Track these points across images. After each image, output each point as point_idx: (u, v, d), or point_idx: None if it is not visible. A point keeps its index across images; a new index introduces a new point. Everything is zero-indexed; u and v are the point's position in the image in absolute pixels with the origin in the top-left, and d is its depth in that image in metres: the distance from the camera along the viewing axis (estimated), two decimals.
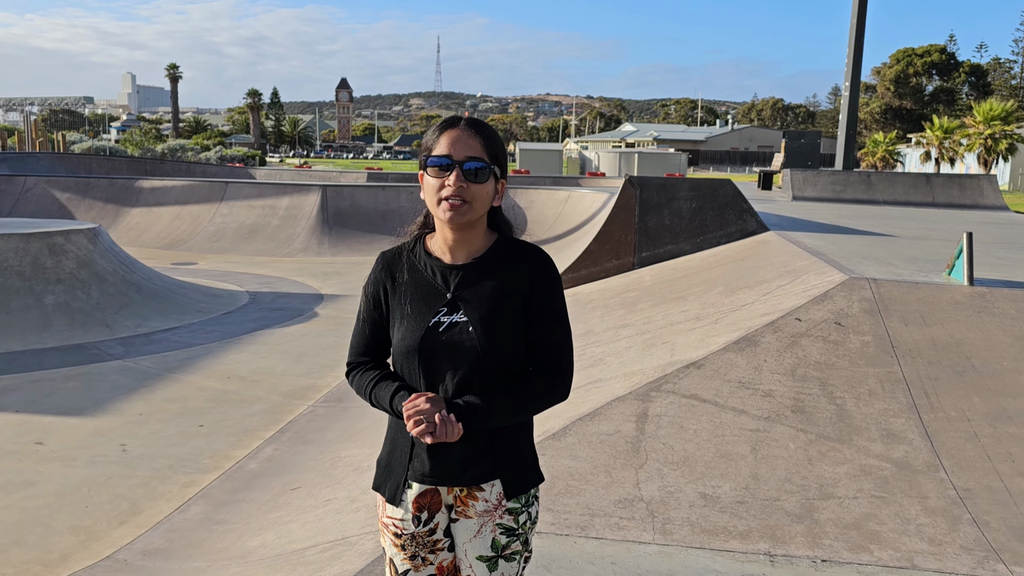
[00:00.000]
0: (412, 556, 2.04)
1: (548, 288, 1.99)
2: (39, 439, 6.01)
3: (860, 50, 26.18)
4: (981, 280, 6.08)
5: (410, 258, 2.04)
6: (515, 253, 2.00)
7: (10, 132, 50.57)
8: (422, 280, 2.00)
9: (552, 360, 1.99)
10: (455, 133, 1.92)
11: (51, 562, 4.27)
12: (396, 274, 2.03)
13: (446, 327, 1.93)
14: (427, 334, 1.93)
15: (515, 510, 1.99)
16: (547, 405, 2.00)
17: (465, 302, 1.95)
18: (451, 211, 1.90)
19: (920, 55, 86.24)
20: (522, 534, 2.01)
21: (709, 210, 10.17)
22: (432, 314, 1.95)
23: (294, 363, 8.33)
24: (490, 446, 1.95)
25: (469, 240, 1.98)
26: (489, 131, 1.96)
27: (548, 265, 2.01)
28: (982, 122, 40.86)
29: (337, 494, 4.70)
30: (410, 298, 1.99)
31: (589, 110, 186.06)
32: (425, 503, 2.00)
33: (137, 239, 18.33)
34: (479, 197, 1.92)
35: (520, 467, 2.00)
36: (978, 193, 19.35)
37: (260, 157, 63.04)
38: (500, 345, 1.92)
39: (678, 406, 4.65)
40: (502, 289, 1.95)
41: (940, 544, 3.63)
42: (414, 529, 2.01)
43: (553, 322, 1.99)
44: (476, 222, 1.96)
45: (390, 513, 2.04)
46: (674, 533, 3.67)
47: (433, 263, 2.01)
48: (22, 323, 8.95)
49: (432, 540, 2.03)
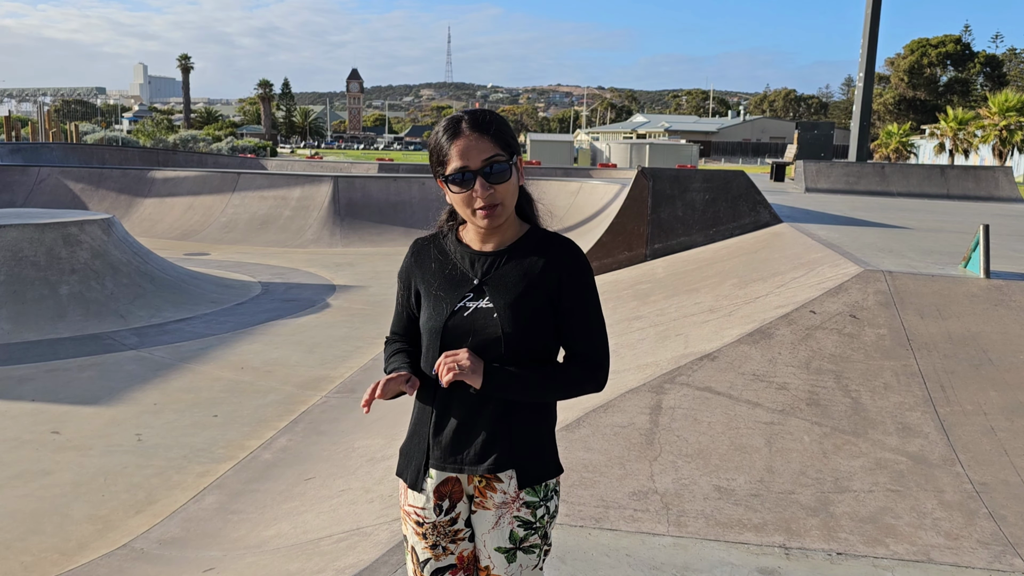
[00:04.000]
0: (433, 545, 2.04)
1: (581, 279, 1.98)
2: (55, 428, 6.05)
3: (874, 40, 25.97)
4: (998, 273, 6.03)
5: (441, 245, 2.07)
6: (546, 243, 2.01)
7: (23, 123, 50.82)
8: (451, 266, 2.02)
9: (589, 350, 1.99)
10: (463, 141, 1.91)
11: (68, 550, 4.31)
12: (424, 260, 2.07)
13: (471, 312, 1.95)
14: (451, 318, 1.95)
15: (532, 503, 1.99)
16: (580, 392, 2.00)
17: (491, 288, 1.96)
18: (487, 218, 1.93)
19: (935, 45, 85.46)
20: (540, 528, 2.01)
21: (722, 202, 10.12)
22: (458, 298, 1.97)
23: (307, 354, 8.36)
24: (508, 435, 1.95)
25: (501, 229, 2.00)
26: (494, 124, 1.94)
27: (579, 256, 2.01)
28: (997, 113, 40.44)
29: (351, 484, 4.72)
30: (438, 283, 2.01)
31: (600, 101, 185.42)
32: (446, 491, 2.01)
33: (150, 230, 18.40)
34: (508, 194, 1.94)
35: (537, 458, 2.00)
36: (993, 185, 19.20)
37: (271, 148, 63.16)
38: (524, 332, 1.93)
39: (692, 398, 4.64)
40: (530, 278, 1.95)
41: (956, 538, 3.61)
42: (435, 518, 2.02)
43: (588, 313, 1.99)
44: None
45: (412, 501, 2.05)
46: (688, 525, 3.67)
47: (463, 250, 2.03)
48: (37, 313, 9.01)
49: (454, 530, 2.03)
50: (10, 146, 28.64)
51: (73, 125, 49.92)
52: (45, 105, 77.88)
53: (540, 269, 1.96)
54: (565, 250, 2.00)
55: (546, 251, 1.99)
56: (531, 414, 1.99)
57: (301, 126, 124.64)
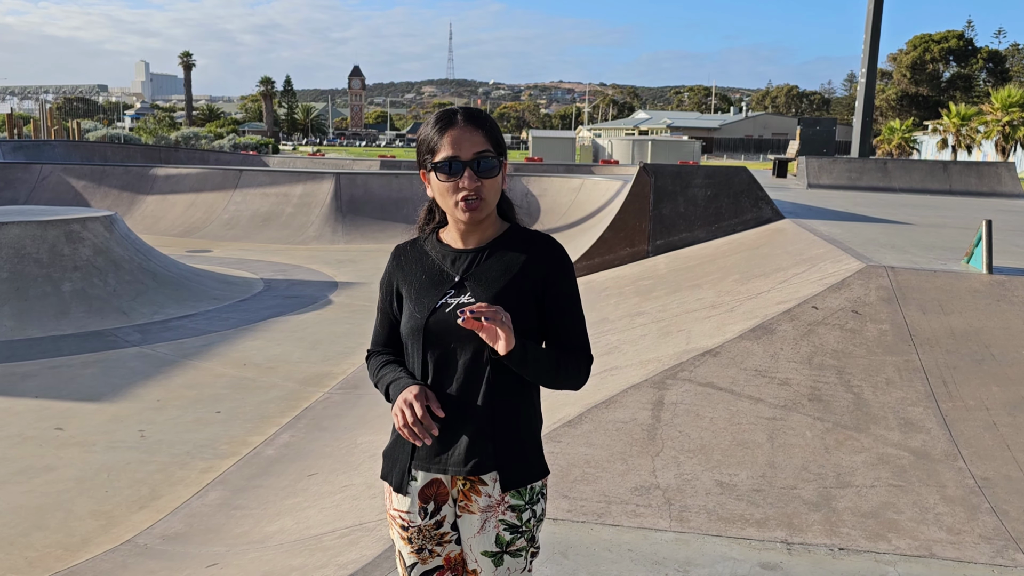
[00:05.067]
0: (419, 549, 2.02)
1: (568, 273, 2.00)
2: (59, 424, 6.07)
3: (877, 36, 25.91)
4: (1000, 268, 6.03)
5: (421, 248, 2.07)
6: (528, 240, 2.01)
7: (26, 120, 50.84)
8: (432, 265, 2.02)
9: (576, 343, 2.00)
10: (457, 131, 1.91)
11: (72, 546, 4.32)
12: (406, 264, 2.06)
13: (453, 308, 1.93)
14: (433, 315, 1.94)
15: (518, 507, 1.97)
16: (570, 379, 1.98)
17: (473, 284, 1.95)
18: (469, 210, 1.91)
19: (937, 41, 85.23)
20: (526, 531, 1.99)
21: (724, 198, 10.12)
22: (439, 296, 1.96)
23: (309, 350, 8.37)
24: (491, 437, 1.94)
25: (482, 228, 2.00)
26: (487, 120, 1.96)
27: (561, 253, 2.01)
28: (1000, 109, 40.37)
29: (354, 480, 4.73)
30: (419, 283, 2.00)
31: (602, 97, 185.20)
32: (431, 494, 1.99)
33: (152, 227, 18.42)
34: (492, 190, 1.94)
35: (521, 460, 1.98)
36: (996, 181, 19.16)
37: (273, 145, 63.18)
38: None
39: (694, 394, 4.65)
40: (513, 272, 1.95)
41: (959, 533, 3.61)
42: (421, 522, 2.00)
43: (572, 308, 2.00)
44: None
45: (397, 505, 2.03)
46: (691, 520, 3.67)
47: (444, 249, 2.03)
48: (40, 310, 9.03)
49: (439, 533, 2.02)
50: (12, 144, 28.68)
51: (75, 123, 49.93)
52: (47, 103, 77.90)
53: (523, 263, 1.96)
54: (549, 246, 2.00)
55: (529, 247, 1.99)
56: (516, 416, 1.98)
57: (303, 123, 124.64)
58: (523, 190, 19.62)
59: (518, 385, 1.97)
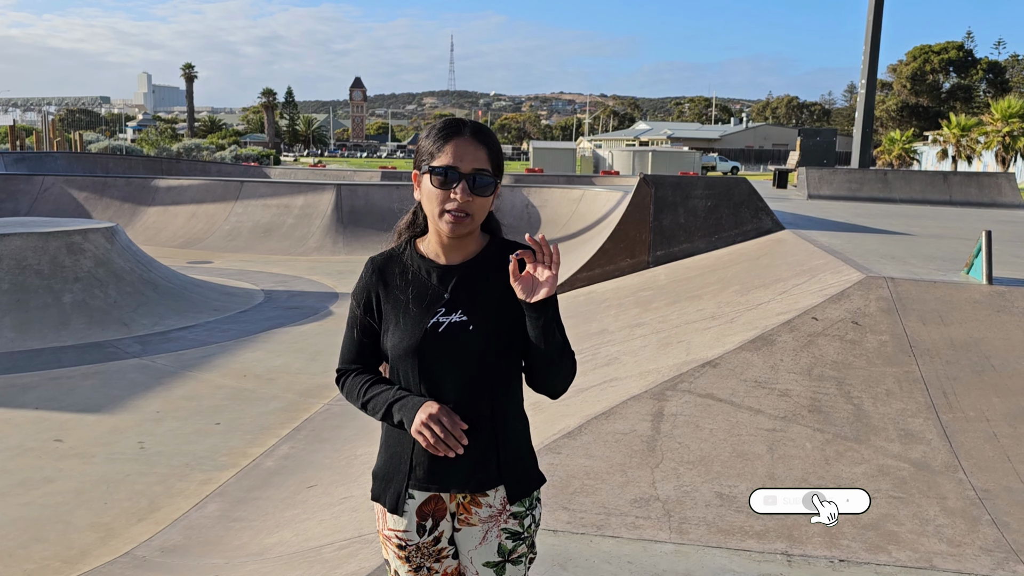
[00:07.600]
0: (417, 568, 2.00)
1: None
2: (58, 436, 6.06)
3: (876, 47, 26.00)
4: (1000, 279, 6.03)
5: (402, 261, 2.01)
6: (509, 253, 1.98)
7: (28, 132, 51.00)
8: (417, 282, 1.97)
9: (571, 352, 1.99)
10: (462, 142, 1.89)
11: (71, 558, 4.31)
12: (388, 279, 1.99)
13: (446, 327, 1.91)
14: (427, 335, 1.91)
15: (519, 514, 1.98)
16: (565, 380, 1.96)
17: (464, 302, 1.93)
18: (453, 223, 1.88)
19: (937, 52, 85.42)
20: (527, 537, 2.00)
21: (724, 208, 10.13)
22: (431, 315, 1.93)
23: (309, 361, 8.36)
24: (495, 452, 1.94)
25: (465, 243, 1.97)
26: (493, 139, 1.95)
27: None
28: (1000, 119, 40.40)
29: (353, 492, 4.72)
30: (406, 301, 1.96)
31: (603, 108, 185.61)
32: (429, 511, 1.97)
33: (153, 238, 18.45)
34: (482, 208, 1.91)
35: (523, 472, 1.99)
36: (996, 191, 19.18)
37: (274, 156, 63.31)
38: (501, 343, 1.92)
39: (694, 405, 4.64)
40: (500, 289, 1.93)
41: (959, 545, 3.60)
42: (419, 540, 1.98)
43: (559, 318, 1.98)
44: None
45: (392, 525, 2.00)
46: (690, 532, 3.66)
47: (427, 265, 1.98)
48: (41, 321, 9.03)
49: (437, 549, 2.00)
50: (15, 155, 28.78)
51: (77, 134, 50.09)
52: (50, 114, 78.14)
53: (507, 279, 1.91)
54: None
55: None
56: (513, 428, 1.98)
57: (304, 134, 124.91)
58: (524, 201, 19.65)
59: (513, 396, 1.98)
